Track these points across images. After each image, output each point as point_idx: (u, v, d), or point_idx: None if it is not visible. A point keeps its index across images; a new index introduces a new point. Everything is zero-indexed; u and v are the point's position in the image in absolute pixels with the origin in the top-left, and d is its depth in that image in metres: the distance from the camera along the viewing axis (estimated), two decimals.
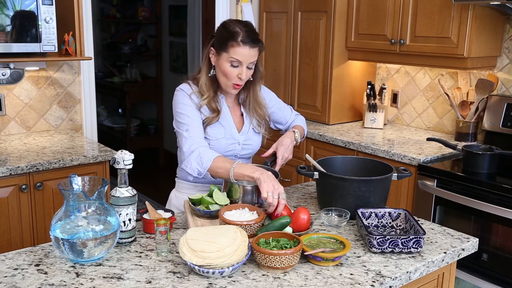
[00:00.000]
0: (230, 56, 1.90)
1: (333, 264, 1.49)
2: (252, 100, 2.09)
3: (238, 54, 1.89)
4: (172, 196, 2.18)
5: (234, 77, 1.94)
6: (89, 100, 3.34)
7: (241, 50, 1.89)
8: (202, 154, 1.88)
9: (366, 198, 1.79)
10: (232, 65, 1.92)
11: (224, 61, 1.92)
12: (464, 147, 2.67)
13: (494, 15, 2.87)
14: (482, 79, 2.98)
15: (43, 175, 2.58)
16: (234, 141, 2.06)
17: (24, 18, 2.65)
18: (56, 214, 1.51)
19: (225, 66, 1.92)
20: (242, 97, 2.11)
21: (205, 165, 1.87)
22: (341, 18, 3.41)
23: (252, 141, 2.12)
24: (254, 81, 2.06)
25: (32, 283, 1.37)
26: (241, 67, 1.92)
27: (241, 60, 1.90)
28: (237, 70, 1.92)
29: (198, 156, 1.88)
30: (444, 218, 2.66)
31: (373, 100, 3.47)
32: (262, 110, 2.12)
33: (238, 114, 2.11)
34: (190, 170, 1.90)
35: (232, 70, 1.92)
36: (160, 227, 1.52)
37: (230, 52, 1.90)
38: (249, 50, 1.90)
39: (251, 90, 2.08)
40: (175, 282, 1.38)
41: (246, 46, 1.89)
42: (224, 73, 1.94)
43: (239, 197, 1.83)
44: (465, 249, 1.67)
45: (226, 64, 1.92)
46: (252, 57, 1.92)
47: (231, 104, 2.09)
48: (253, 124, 2.12)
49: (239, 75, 1.93)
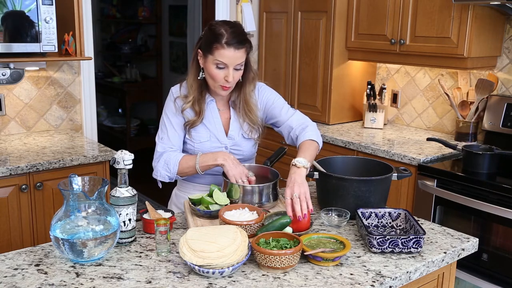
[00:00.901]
0: (215, 59, 1.86)
1: (333, 264, 1.49)
2: (242, 102, 2.02)
3: (223, 56, 1.85)
4: (173, 195, 2.18)
5: (221, 79, 1.89)
6: (89, 100, 3.34)
7: (226, 52, 1.84)
8: (167, 160, 1.93)
9: (366, 198, 1.79)
10: (218, 67, 1.87)
11: (210, 63, 1.88)
12: (464, 147, 2.67)
13: (494, 15, 2.88)
14: (482, 79, 2.98)
15: (43, 175, 2.58)
16: (220, 144, 2.01)
17: (24, 18, 2.65)
18: (56, 214, 1.51)
19: (211, 69, 1.89)
20: (233, 100, 2.05)
21: (172, 170, 1.93)
22: (341, 18, 3.41)
23: (242, 147, 2.06)
24: (244, 82, 2.00)
25: (32, 283, 1.37)
26: (227, 69, 1.87)
27: (227, 62, 1.86)
28: (223, 72, 1.88)
29: (165, 163, 1.94)
30: (444, 218, 2.66)
31: (373, 100, 3.47)
32: (253, 115, 2.02)
33: (227, 117, 2.06)
34: (161, 178, 1.96)
35: (218, 73, 1.88)
36: (160, 227, 1.52)
37: (215, 54, 1.85)
38: (234, 52, 1.85)
39: (241, 92, 2.02)
40: (175, 282, 1.38)
41: (230, 48, 1.84)
42: (211, 75, 1.90)
43: (239, 197, 1.83)
44: (465, 249, 1.67)
45: (212, 66, 1.88)
46: (238, 58, 1.87)
47: (222, 108, 2.05)
48: (244, 129, 2.04)
49: (226, 77, 1.88)
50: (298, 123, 2.06)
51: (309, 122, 2.08)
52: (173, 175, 1.94)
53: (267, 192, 1.85)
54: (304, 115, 2.12)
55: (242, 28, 1.93)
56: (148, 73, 6.71)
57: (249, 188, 1.81)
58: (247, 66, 1.98)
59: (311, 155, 1.89)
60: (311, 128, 2.04)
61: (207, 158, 1.87)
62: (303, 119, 2.09)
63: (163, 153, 1.97)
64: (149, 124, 6.58)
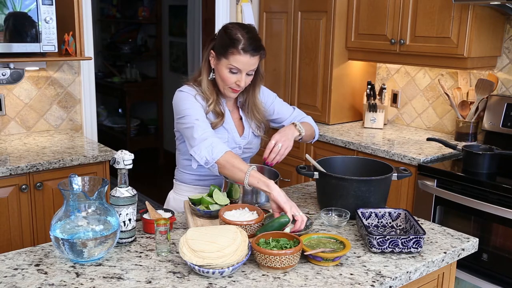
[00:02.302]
0: (230, 63, 1.85)
1: (333, 264, 1.49)
2: (251, 103, 2.05)
3: (238, 62, 1.85)
4: (170, 198, 2.16)
5: (232, 83, 1.90)
6: (89, 100, 3.34)
7: (242, 58, 1.84)
8: (214, 144, 1.79)
9: (366, 198, 1.79)
10: (231, 72, 1.88)
11: (223, 66, 1.88)
12: (464, 147, 2.67)
13: (494, 15, 2.87)
14: (482, 79, 2.98)
15: (43, 175, 2.58)
16: (235, 145, 2.03)
17: (24, 18, 2.65)
18: (56, 214, 1.51)
19: (223, 72, 1.88)
20: (241, 101, 2.07)
21: (215, 155, 1.77)
22: (341, 18, 3.41)
23: (253, 145, 2.11)
24: (254, 85, 2.02)
25: (32, 283, 1.37)
26: (240, 74, 1.88)
27: (241, 68, 1.86)
28: (235, 77, 1.88)
29: (210, 145, 1.78)
30: (444, 218, 2.66)
31: (373, 100, 3.47)
32: (260, 114, 2.07)
33: (237, 117, 2.08)
34: (199, 157, 1.79)
35: (231, 77, 1.88)
36: (160, 227, 1.52)
37: (230, 59, 1.85)
38: (249, 59, 1.85)
39: (250, 94, 2.04)
40: (175, 282, 1.38)
41: (247, 55, 1.84)
42: (222, 78, 1.90)
43: (239, 197, 1.83)
44: (465, 249, 1.67)
45: (225, 70, 1.88)
46: (252, 65, 1.88)
47: (230, 108, 2.06)
48: (252, 127, 2.08)
49: (238, 82, 1.89)
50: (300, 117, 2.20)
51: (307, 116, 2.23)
52: (213, 160, 1.77)
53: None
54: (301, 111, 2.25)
55: (257, 34, 1.92)
56: (148, 73, 6.71)
57: (249, 188, 1.81)
58: (257, 69, 1.98)
59: (307, 129, 2.07)
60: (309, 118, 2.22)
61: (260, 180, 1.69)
62: (302, 114, 2.23)
63: (207, 137, 1.81)
64: (149, 124, 6.58)
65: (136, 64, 6.70)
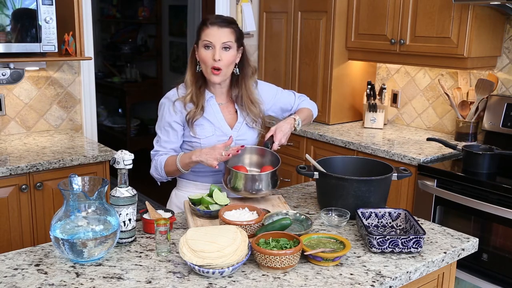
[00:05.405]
0: (203, 40, 1.97)
1: (333, 264, 1.49)
2: (245, 96, 2.09)
3: (208, 35, 1.95)
4: (172, 195, 2.18)
5: (210, 60, 1.96)
6: (89, 100, 3.34)
7: (210, 31, 1.95)
8: (156, 165, 2.04)
9: (366, 198, 1.79)
10: (205, 48, 1.96)
11: (200, 48, 1.98)
12: (464, 147, 2.67)
13: (494, 15, 2.88)
14: (482, 79, 2.98)
15: (43, 175, 2.58)
16: (226, 137, 2.05)
17: (24, 18, 2.65)
18: (56, 214, 1.51)
19: (201, 52, 1.98)
20: (235, 94, 2.11)
21: (162, 173, 2.03)
22: (341, 18, 3.41)
23: (246, 136, 2.11)
24: (244, 77, 2.08)
25: (32, 283, 1.37)
26: (214, 49, 1.95)
27: (212, 40, 1.94)
28: (210, 52, 1.96)
29: (155, 168, 2.05)
30: (444, 218, 2.66)
31: (373, 100, 3.47)
32: (256, 108, 2.11)
33: (232, 111, 2.11)
34: (158, 180, 2.09)
35: (207, 53, 1.96)
36: (160, 227, 1.52)
37: (202, 36, 1.97)
38: (218, 30, 1.95)
39: (243, 86, 2.08)
40: (175, 282, 1.38)
41: (214, 27, 1.95)
42: (201, 59, 1.99)
43: (242, 185, 1.85)
44: (465, 249, 1.67)
45: (202, 49, 1.97)
46: (223, 37, 1.95)
47: (223, 101, 2.10)
48: (247, 120, 2.11)
49: (214, 57, 1.95)
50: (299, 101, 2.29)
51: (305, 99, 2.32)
52: (163, 177, 2.05)
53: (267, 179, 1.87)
54: (300, 94, 2.33)
55: (230, 17, 2.05)
56: (148, 73, 6.71)
57: (250, 175, 1.83)
58: (244, 60, 2.06)
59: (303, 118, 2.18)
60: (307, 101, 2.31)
61: (185, 157, 1.96)
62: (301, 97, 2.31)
63: (153, 156, 2.09)
64: (149, 124, 6.57)
65: (136, 64, 6.70)
